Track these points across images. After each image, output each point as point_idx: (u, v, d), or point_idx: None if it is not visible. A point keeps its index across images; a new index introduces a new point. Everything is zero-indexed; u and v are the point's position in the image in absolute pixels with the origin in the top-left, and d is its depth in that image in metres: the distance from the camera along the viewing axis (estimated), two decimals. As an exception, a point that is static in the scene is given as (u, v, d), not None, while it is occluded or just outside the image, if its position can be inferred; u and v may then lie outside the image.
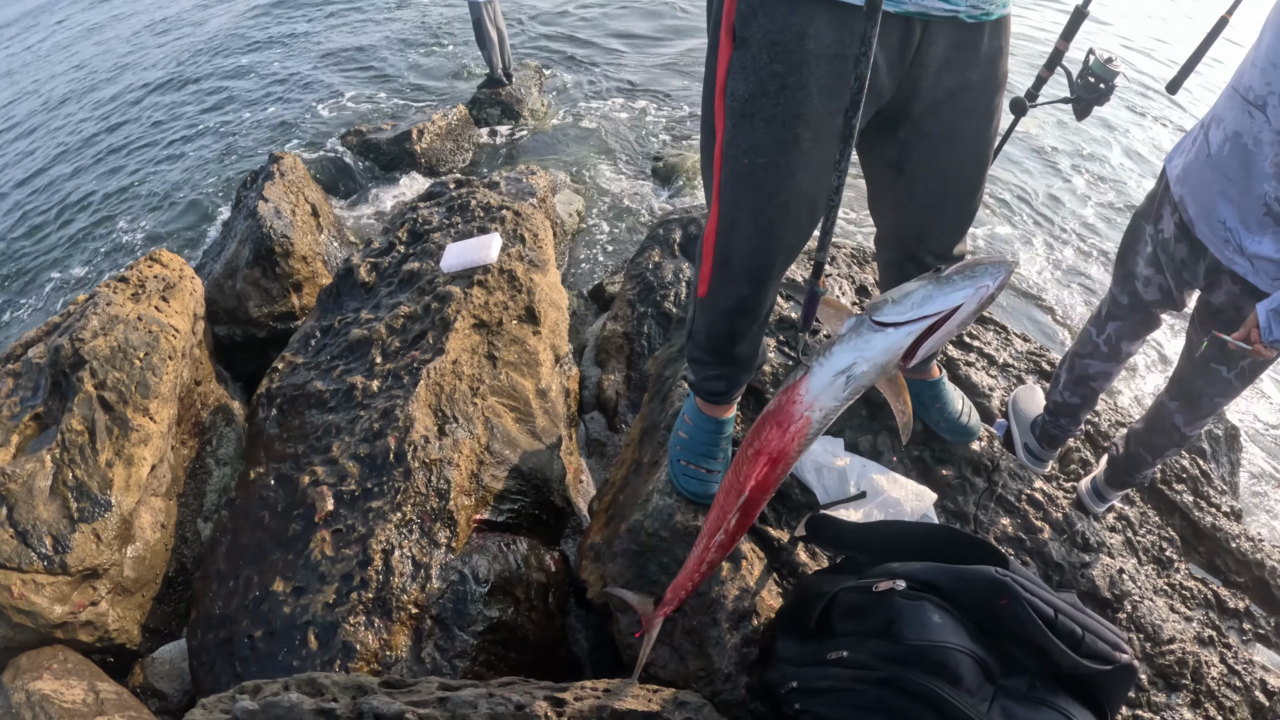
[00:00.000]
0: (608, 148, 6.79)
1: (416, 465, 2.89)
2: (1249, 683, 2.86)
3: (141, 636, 3.14)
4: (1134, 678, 1.95)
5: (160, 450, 3.36)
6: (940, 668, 1.82)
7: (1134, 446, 2.83)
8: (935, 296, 1.59)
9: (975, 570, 1.94)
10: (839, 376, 1.71)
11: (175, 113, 7.60)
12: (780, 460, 1.83)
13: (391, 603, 2.62)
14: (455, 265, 3.56)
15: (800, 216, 1.97)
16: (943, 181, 2.12)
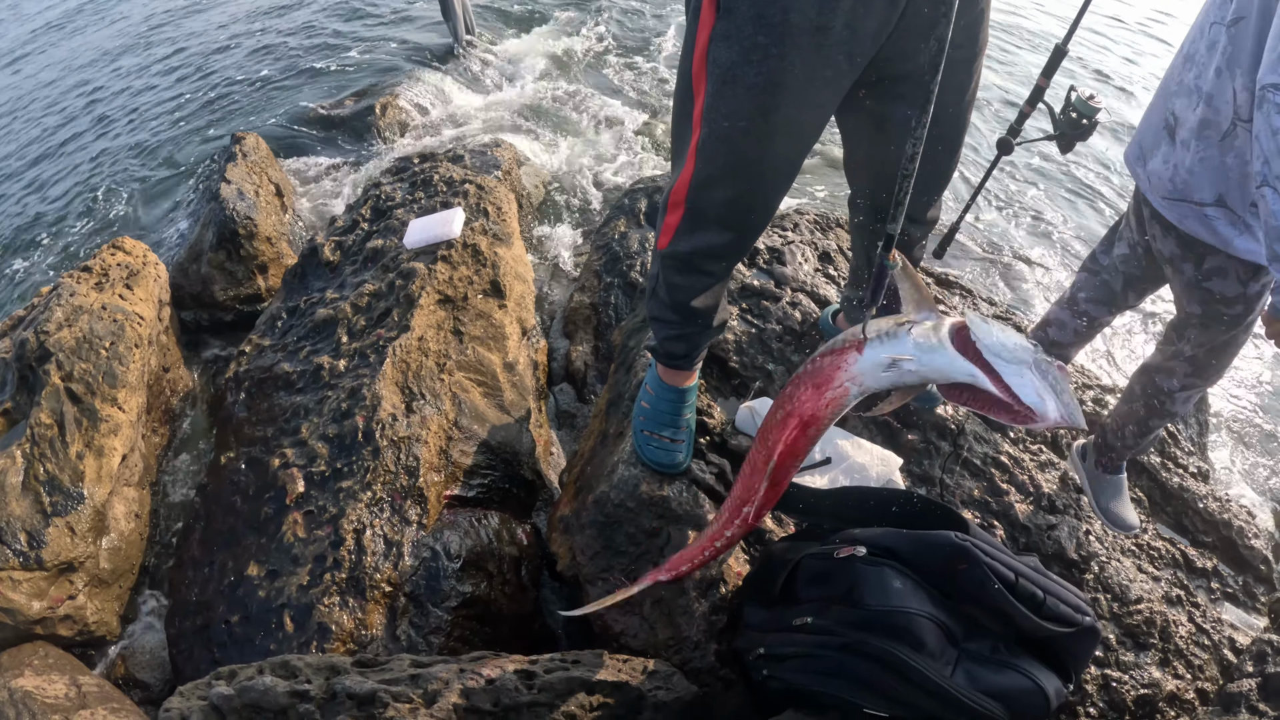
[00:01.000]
0: (574, 117, 6.73)
1: (385, 443, 2.89)
2: (1217, 641, 2.89)
3: (121, 628, 3.13)
4: (1097, 639, 1.97)
5: (130, 439, 3.35)
6: (902, 632, 1.84)
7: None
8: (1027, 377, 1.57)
9: (935, 535, 1.95)
10: (891, 364, 1.69)
11: (132, 98, 7.49)
12: (812, 424, 1.81)
13: (365, 582, 2.62)
14: (419, 241, 3.55)
15: (777, 178, 2.01)
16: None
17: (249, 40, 8.46)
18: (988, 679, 1.88)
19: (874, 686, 1.86)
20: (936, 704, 1.83)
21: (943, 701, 1.82)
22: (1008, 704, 1.87)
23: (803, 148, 1.95)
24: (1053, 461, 3.08)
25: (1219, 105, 2.12)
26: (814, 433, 1.83)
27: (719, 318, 2.39)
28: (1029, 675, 1.89)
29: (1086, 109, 2.77)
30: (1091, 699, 2.63)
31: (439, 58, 7.69)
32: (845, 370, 1.74)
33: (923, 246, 2.50)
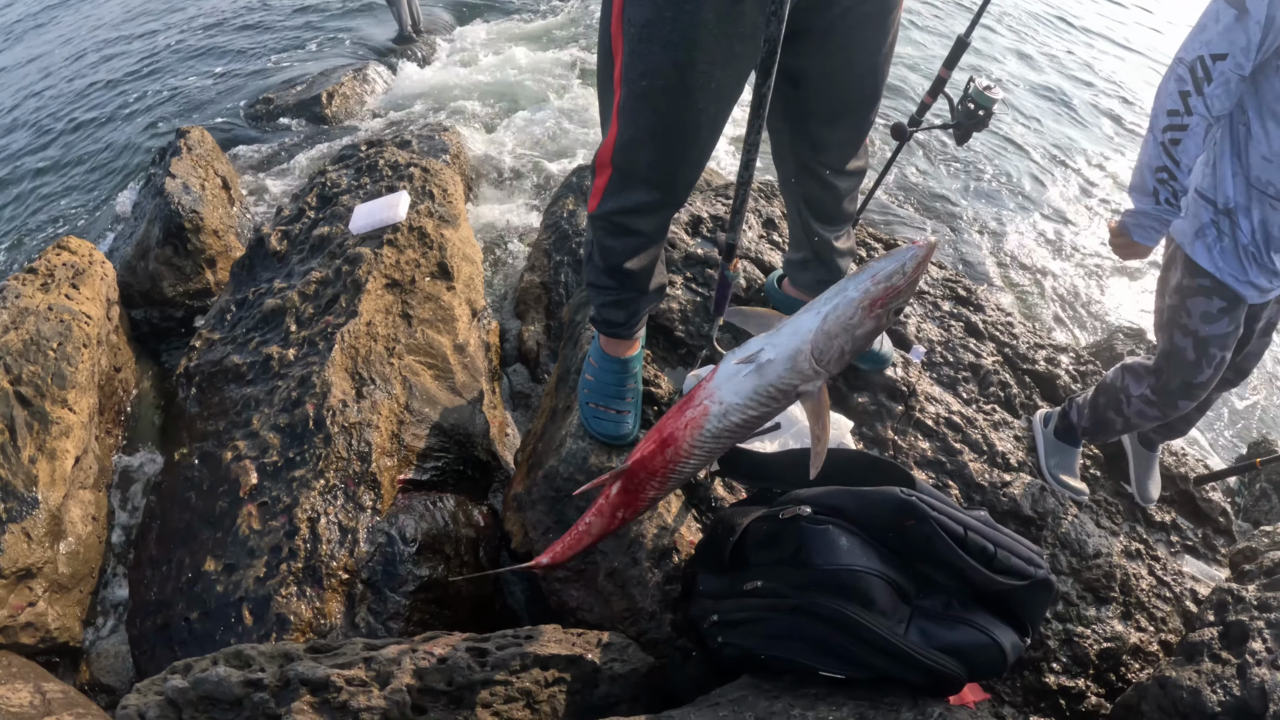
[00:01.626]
0: (524, 98, 6.68)
1: (336, 430, 2.85)
2: (1179, 593, 2.90)
3: (84, 632, 3.07)
4: (1051, 591, 1.95)
5: (83, 441, 3.29)
6: (850, 590, 1.82)
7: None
8: (847, 282, 1.59)
9: (880, 492, 1.93)
10: (745, 365, 1.67)
11: (75, 98, 7.34)
12: (669, 444, 1.80)
13: (321, 570, 2.59)
14: (364, 226, 3.50)
15: (700, 134, 1.98)
16: (839, 95, 2.14)
17: (193, 34, 8.33)
18: (942, 635, 1.85)
19: (827, 647, 1.84)
20: (891, 662, 1.81)
21: (897, 659, 1.80)
22: (964, 659, 1.85)
23: (725, 103, 1.94)
24: (1006, 421, 3.07)
25: None
26: (671, 454, 1.81)
27: (655, 281, 2.36)
28: (984, 630, 1.87)
29: (983, 99, 2.79)
30: (1055, 654, 2.63)
31: (387, 46, 7.64)
32: (704, 388, 1.73)
33: (853, 198, 2.49)
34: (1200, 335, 2.45)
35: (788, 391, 1.67)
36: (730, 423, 1.74)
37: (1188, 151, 2.18)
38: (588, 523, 2.09)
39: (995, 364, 3.21)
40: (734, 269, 1.82)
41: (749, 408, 1.70)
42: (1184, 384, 2.54)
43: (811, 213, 2.47)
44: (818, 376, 1.65)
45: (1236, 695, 2.22)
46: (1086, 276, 5.83)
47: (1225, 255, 2.36)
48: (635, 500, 1.98)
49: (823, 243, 2.53)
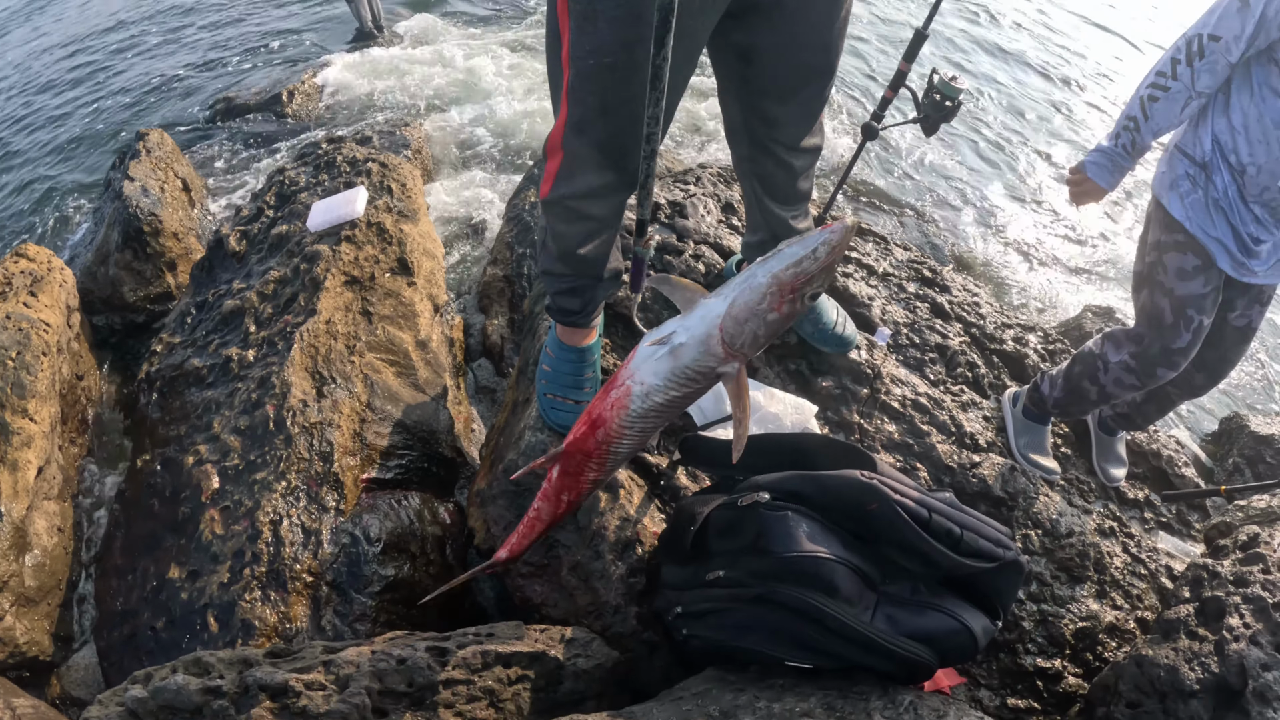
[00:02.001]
0: (488, 91, 6.60)
1: (297, 431, 2.78)
2: (1154, 570, 2.86)
3: (54, 646, 2.99)
4: (1022, 572, 1.89)
5: (45, 451, 3.21)
6: (812, 578, 1.76)
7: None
8: (756, 266, 1.56)
9: (839, 476, 1.86)
10: (659, 346, 1.64)
11: (30, 101, 7.22)
12: (599, 425, 1.77)
13: (285, 574, 2.53)
14: (322, 223, 3.42)
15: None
16: (792, 70, 2.08)
17: (153, 35, 8.22)
18: (910, 621, 1.80)
19: (791, 637, 1.79)
20: (858, 650, 1.76)
21: (864, 648, 1.74)
22: (933, 645, 1.79)
23: (673, 82, 1.87)
24: (975, 401, 3.03)
25: None
26: (602, 435, 1.78)
27: (611, 268, 2.30)
28: (953, 615, 1.82)
29: (949, 90, 2.76)
30: (1030, 635, 2.59)
31: (348, 44, 7.56)
32: (625, 368, 1.71)
33: (809, 176, 2.43)
34: (1176, 294, 2.45)
35: (705, 373, 1.64)
36: (654, 403, 1.71)
37: (1160, 112, 2.33)
38: (536, 508, 2.05)
39: (962, 344, 3.16)
40: (646, 245, 1.77)
41: (670, 388, 1.67)
42: (1163, 349, 2.52)
43: (767, 192, 2.41)
44: (733, 359, 1.62)
45: (1214, 672, 2.18)
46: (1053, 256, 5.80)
47: (1195, 207, 2.39)
48: (577, 483, 1.95)
49: (779, 223, 2.47)
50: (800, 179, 2.37)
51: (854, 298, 3.11)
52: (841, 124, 6.66)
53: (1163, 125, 2.36)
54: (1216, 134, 2.34)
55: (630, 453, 1.89)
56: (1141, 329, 2.59)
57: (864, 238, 3.43)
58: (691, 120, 6.45)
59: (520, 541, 2.12)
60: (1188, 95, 2.29)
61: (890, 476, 1.85)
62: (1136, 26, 10.21)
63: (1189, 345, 2.50)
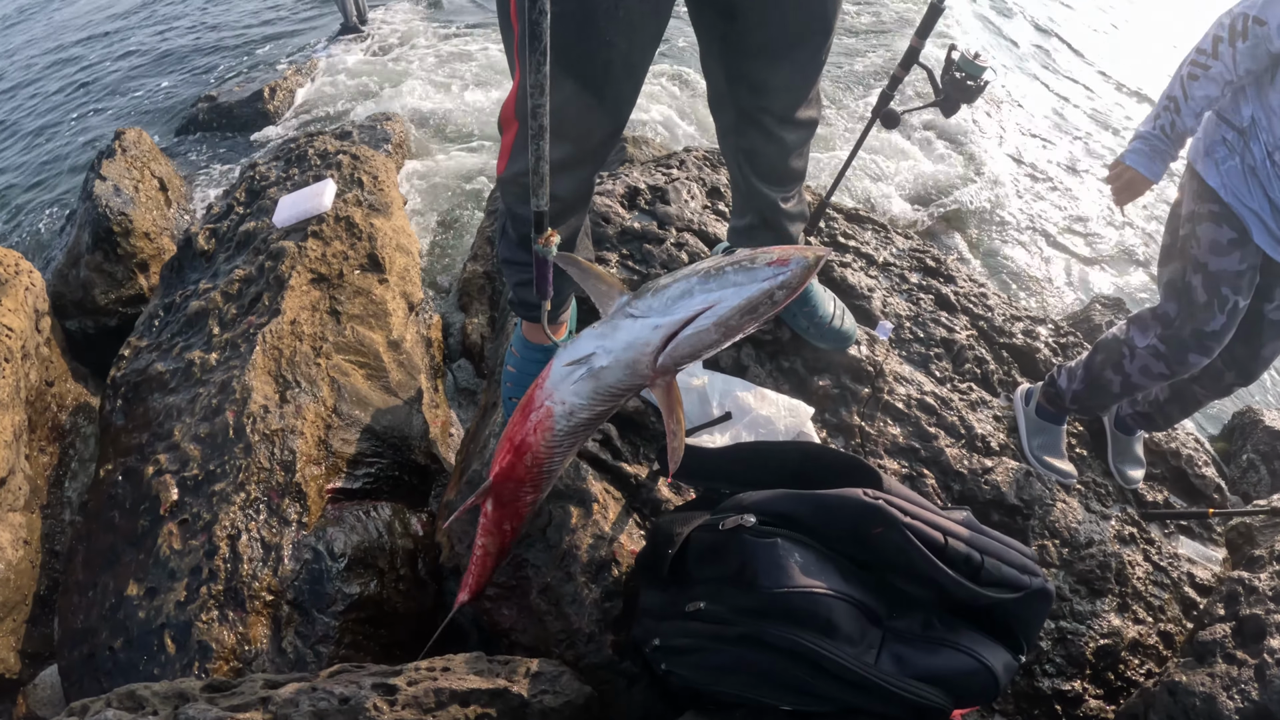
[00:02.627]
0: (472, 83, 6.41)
1: (257, 439, 2.55)
2: (1176, 578, 2.62)
3: (21, 664, 2.79)
4: (1049, 602, 1.62)
5: (9, 462, 2.99)
6: (805, 616, 1.48)
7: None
8: (696, 291, 1.33)
9: (838, 496, 1.59)
10: (577, 367, 1.46)
11: (9, 101, 7.05)
12: (524, 450, 1.59)
13: (243, 592, 2.31)
14: (289, 218, 3.18)
15: (612, 72, 1.66)
16: (782, 26, 1.80)
17: (136, 33, 8.06)
18: (920, 661, 1.53)
19: (781, 680, 1.52)
20: (861, 695, 1.49)
21: (868, 692, 1.48)
22: (948, 687, 1.53)
23: (639, 37, 1.61)
24: (984, 400, 2.77)
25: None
26: (531, 460, 1.61)
27: (578, 256, 2.05)
28: (970, 652, 1.55)
29: (972, 68, 2.45)
30: (1048, 655, 2.34)
31: (332, 39, 7.41)
32: (541, 388, 1.53)
33: (803, 154, 2.16)
34: (1210, 270, 2.21)
35: (632, 389, 1.46)
36: (580, 419, 1.52)
37: (1200, 91, 2.14)
38: (481, 544, 1.86)
39: (970, 338, 2.89)
40: (546, 244, 1.52)
41: (595, 405, 1.48)
42: (1195, 332, 2.27)
43: (754, 170, 2.13)
44: (664, 376, 1.43)
45: (1255, 700, 1.94)
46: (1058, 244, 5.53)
47: (1232, 174, 2.17)
48: (515, 510, 1.76)
49: (768, 205, 2.20)
50: (793, 156, 2.10)
51: (852, 289, 2.84)
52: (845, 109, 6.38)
53: (1203, 106, 2.16)
54: (1254, 111, 2.13)
55: (564, 467, 1.71)
56: (1169, 306, 2.34)
57: (862, 225, 3.16)
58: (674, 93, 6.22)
59: (477, 580, 1.95)
60: (1227, 77, 2.09)
61: (899, 494, 1.59)
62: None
63: (1223, 329, 2.25)
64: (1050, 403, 2.68)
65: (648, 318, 1.39)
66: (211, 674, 2.23)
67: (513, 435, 1.62)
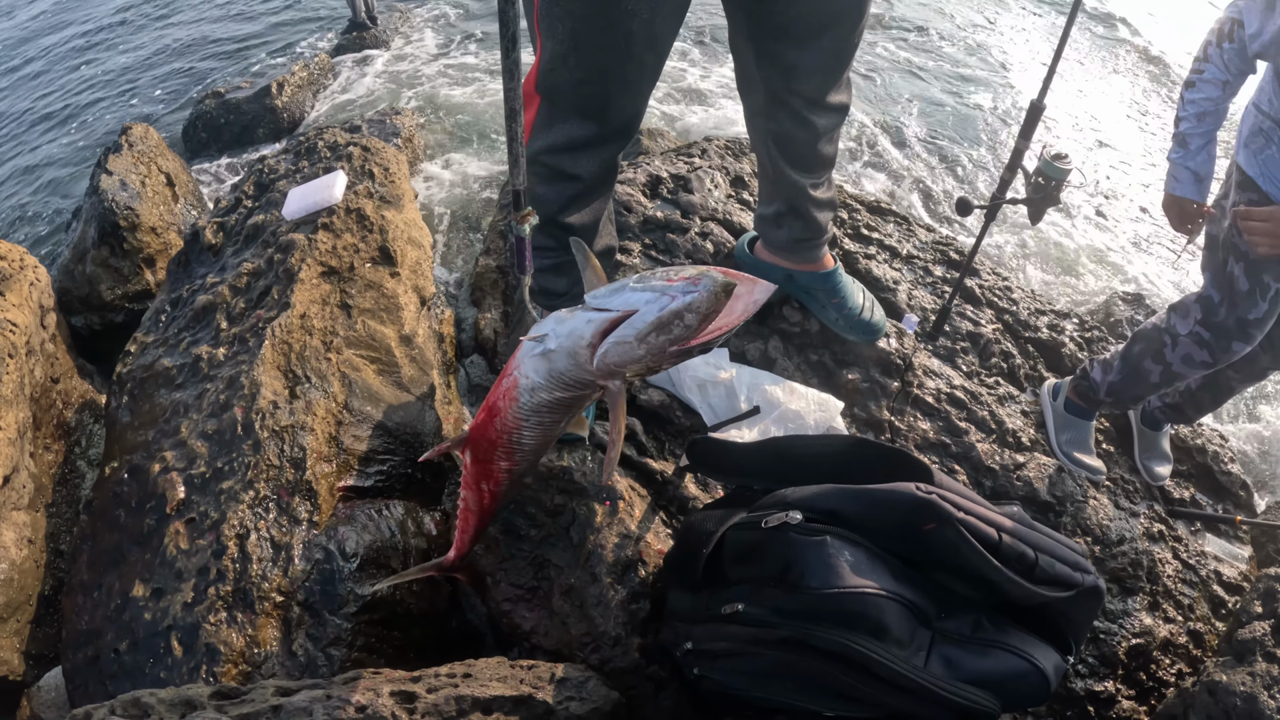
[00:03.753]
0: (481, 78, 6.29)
1: (266, 435, 2.42)
2: (1205, 576, 2.52)
3: (25, 665, 2.67)
4: (1101, 599, 1.51)
5: (13, 459, 2.87)
6: (856, 618, 1.36)
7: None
8: (627, 290, 1.35)
9: (891, 491, 1.46)
10: (535, 344, 1.44)
11: (14, 96, 6.92)
12: (495, 413, 1.56)
13: (252, 593, 2.18)
14: (298, 210, 3.05)
15: (634, 45, 1.55)
16: (812, 5, 1.70)
17: (141, 28, 7.93)
18: (971, 664, 1.42)
19: (827, 686, 1.40)
20: (910, 700, 1.38)
21: (916, 697, 1.37)
22: (998, 690, 1.42)
23: (661, 8, 1.50)
24: (1012, 394, 2.64)
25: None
26: (500, 425, 1.58)
27: (602, 242, 1.92)
28: (1022, 654, 1.44)
29: (1051, 170, 2.30)
30: (1081, 656, 2.23)
31: (340, 33, 7.28)
32: (515, 358, 1.52)
33: (833, 139, 2.03)
34: (1252, 259, 2.10)
35: (583, 383, 1.43)
36: (540, 399, 1.47)
37: (1197, 95, 2.15)
38: (463, 497, 1.81)
39: (995, 332, 2.76)
40: (522, 222, 1.48)
41: (553, 388, 1.45)
42: (1239, 321, 2.18)
43: (784, 155, 2.01)
44: (611, 379, 1.39)
45: (1298, 699, 1.82)
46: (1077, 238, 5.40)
47: (1270, 163, 2.07)
48: (490, 471, 1.70)
49: (798, 192, 2.07)
50: (823, 141, 1.98)
51: (877, 281, 2.72)
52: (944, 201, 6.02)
53: (1205, 105, 2.14)
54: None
55: (537, 448, 1.64)
56: (1212, 293, 2.25)
57: (884, 217, 3.03)
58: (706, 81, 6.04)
59: (462, 537, 1.87)
60: (1224, 77, 2.08)
61: (950, 489, 1.46)
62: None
63: (1265, 315, 2.17)
64: (1081, 397, 2.56)
65: (588, 310, 1.39)
66: (220, 677, 2.11)
67: (490, 396, 1.59)
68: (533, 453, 1.66)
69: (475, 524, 1.83)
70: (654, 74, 1.66)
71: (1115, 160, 6.33)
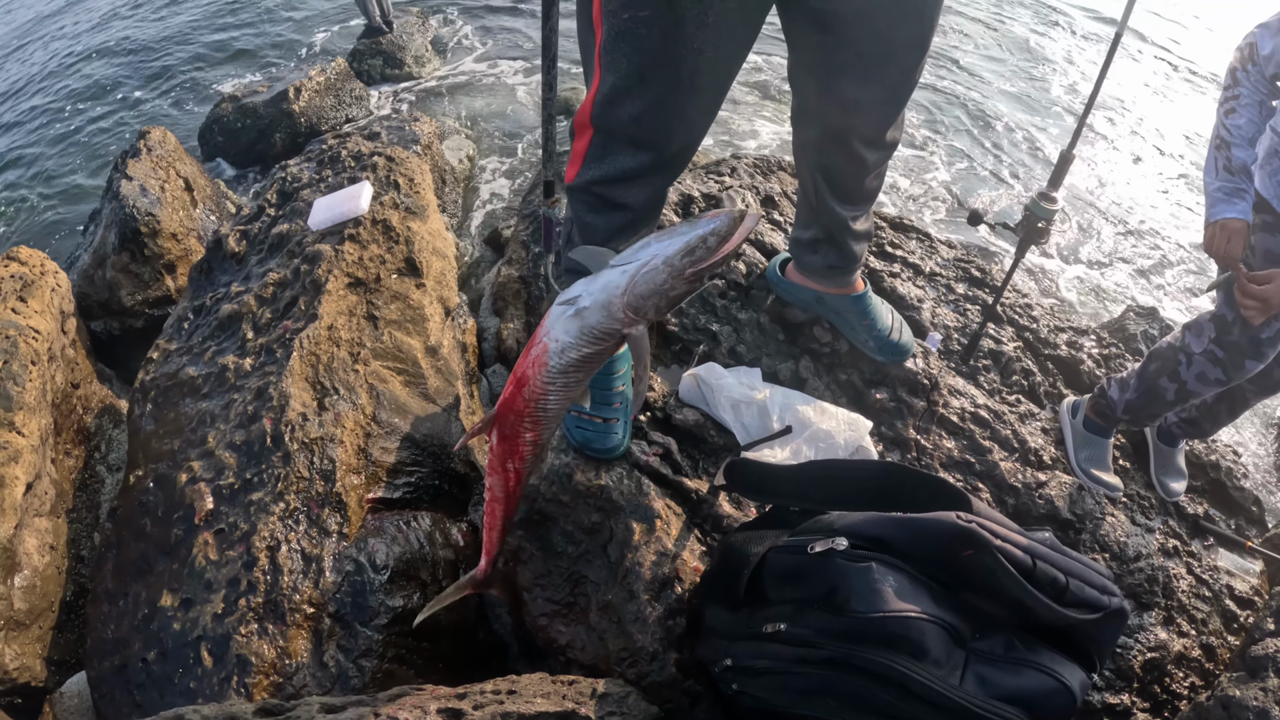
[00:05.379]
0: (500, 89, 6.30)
1: (296, 447, 2.45)
2: (1218, 591, 2.56)
3: (47, 671, 2.70)
4: (1125, 621, 1.57)
5: (35, 465, 2.89)
6: (899, 640, 1.41)
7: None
8: (652, 243, 1.47)
9: (933, 520, 1.51)
10: (566, 306, 1.56)
11: (35, 101, 6.92)
12: (523, 383, 1.65)
13: (284, 605, 2.21)
14: (324, 221, 3.07)
15: (699, 81, 1.57)
16: (877, 40, 1.69)
17: (158, 34, 7.92)
18: (1003, 682, 1.46)
19: (868, 704, 1.45)
20: (943, 717, 1.42)
21: (951, 714, 1.41)
22: (1029, 708, 1.46)
23: (727, 44, 1.52)
24: (1033, 412, 2.68)
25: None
26: (528, 393, 1.66)
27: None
28: (1051, 673, 1.49)
29: (1040, 211, 2.33)
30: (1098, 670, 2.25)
31: (356, 39, 7.28)
32: (542, 326, 1.61)
33: (880, 174, 2.05)
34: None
35: (612, 334, 1.55)
36: (570, 359, 1.58)
37: (1239, 120, 2.15)
38: (489, 486, 1.83)
39: (1016, 350, 2.80)
40: (552, 206, 1.63)
41: (582, 345, 1.56)
42: (1252, 339, 2.21)
43: (830, 186, 2.04)
44: (636, 323, 1.53)
45: (1310, 715, 1.87)
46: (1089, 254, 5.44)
47: (1278, 175, 2.14)
48: (516, 446, 1.75)
49: (838, 223, 2.10)
50: (870, 176, 2.01)
51: (902, 299, 2.75)
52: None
53: (1247, 131, 2.14)
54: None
55: (558, 413, 1.73)
56: (1225, 312, 2.27)
57: (907, 234, 3.06)
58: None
59: (489, 534, 1.89)
60: (1258, 97, 2.11)
61: (988, 517, 1.50)
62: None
63: (1278, 334, 2.21)
64: (1099, 415, 2.59)
65: (617, 266, 1.50)
66: (251, 689, 2.14)
67: (516, 369, 1.67)
68: (554, 419, 1.75)
69: (502, 514, 1.88)
70: (714, 109, 1.68)
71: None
